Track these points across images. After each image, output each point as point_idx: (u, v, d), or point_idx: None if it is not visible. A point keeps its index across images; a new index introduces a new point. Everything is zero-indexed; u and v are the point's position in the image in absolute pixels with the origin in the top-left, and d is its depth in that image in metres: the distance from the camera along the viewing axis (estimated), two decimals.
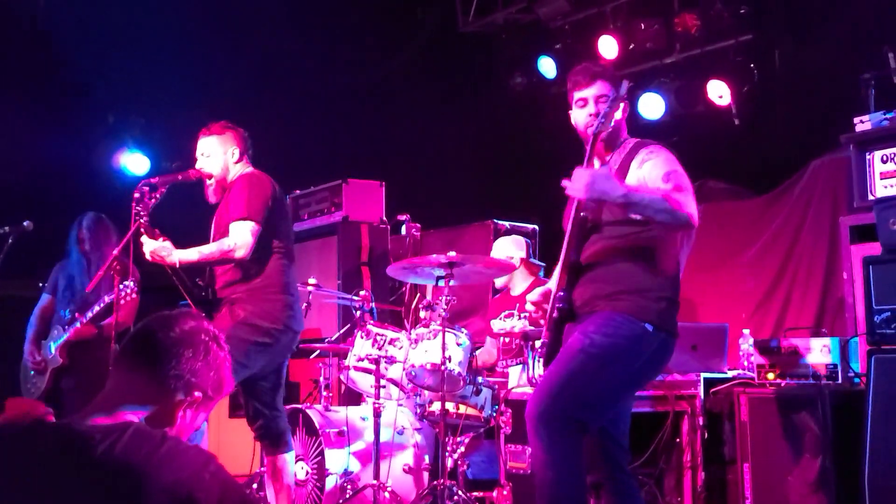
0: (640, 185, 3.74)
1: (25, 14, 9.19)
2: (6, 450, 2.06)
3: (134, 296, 5.50)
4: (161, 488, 1.94)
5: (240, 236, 4.80)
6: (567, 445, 3.62)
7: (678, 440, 5.35)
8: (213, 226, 5.12)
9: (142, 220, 4.79)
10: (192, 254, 4.81)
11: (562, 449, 3.61)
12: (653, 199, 3.61)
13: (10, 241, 5.88)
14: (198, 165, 5.14)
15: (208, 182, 5.14)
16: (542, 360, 3.90)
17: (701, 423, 5.28)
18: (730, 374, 5.48)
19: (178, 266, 4.80)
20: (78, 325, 5.92)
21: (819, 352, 4.90)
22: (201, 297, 4.95)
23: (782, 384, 5.01)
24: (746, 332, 5.78)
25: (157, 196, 5.06)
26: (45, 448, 2.02)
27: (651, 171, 3.81)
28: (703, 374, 5.39)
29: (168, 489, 1.94)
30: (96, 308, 5.85)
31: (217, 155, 5.12)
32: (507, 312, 6.39)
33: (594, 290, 3.80)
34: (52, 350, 6.00)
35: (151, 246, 4.76)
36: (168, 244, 4.79)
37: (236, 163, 5.14)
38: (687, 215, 3.63)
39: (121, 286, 5.50)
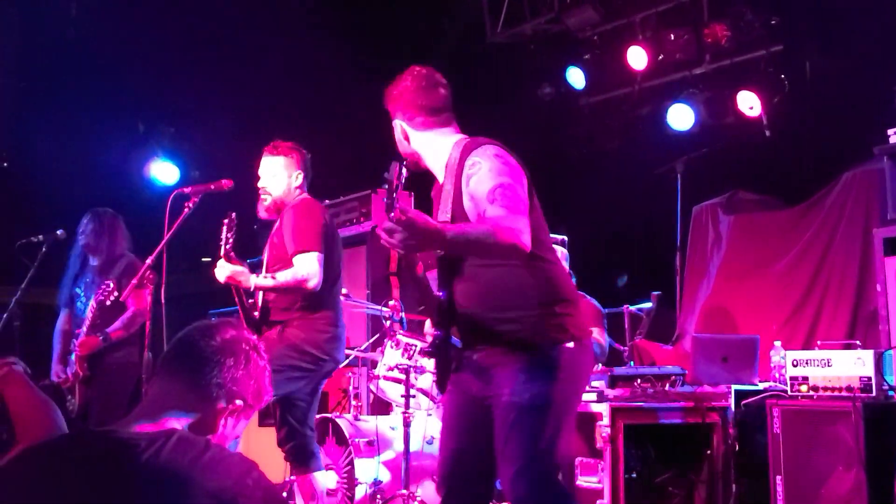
0: (461, 223, 3.38)
1: (57, 23, 9.28)
2: (52, 458, 2.08)
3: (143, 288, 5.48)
4: (206, 494, 1.96)
5: (309, 267, 4.86)
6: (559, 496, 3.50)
7: (709, 452, 5.33)
8: (266, 249, 5.16)
9: (227, 247, 4.85)
10: (268, 281, 4.89)
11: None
12: (477, 236, 3.27)
13: (43, 249, 5.93)
14: (261, 183, 5.16)
15: (263, 198, 5.17)
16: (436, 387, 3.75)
17: (732, 434, 5.25)
18: (761, 385, 5.45)
19: (252, 290, 4.89)
20: (81, 337, 5.87)
21: (852, 364, 4.86)
22: (252, 317, 5.00)
23: (815, 396, 4.97)
24: (778, 343, 5.75)
25: (190, 206, 5.11)
26: (91, 455, 2.04)
27: (476, 187, 3.43)
28: (735, 386, 5.36)
29: (213, 495, 1.96)
30: (89, 315, 5.83)
31: (282, 176, 5.16)
32: None
33: (484, 319, 3.51)
34: (74, 364, 5.95)
35: (229, 270, 4.82)
36: (246, 270, 4.86)
37: (299, 187, 5.18)
38: (513, 245, 3.26)
39: (101, 287, 5.55)
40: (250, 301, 5.06)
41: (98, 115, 9.66)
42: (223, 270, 4.83)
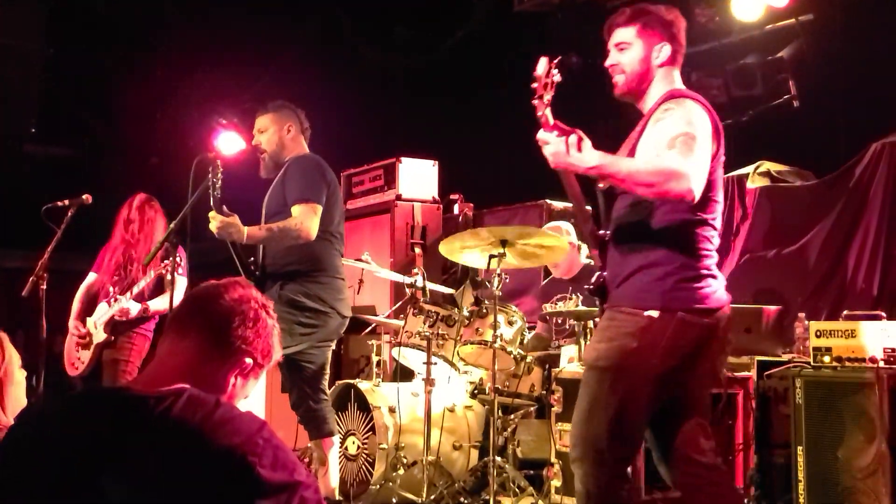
0: (618, 156, 3.30)
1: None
2: (61, 416, 2.09)
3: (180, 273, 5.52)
4: (216, 451, 1.96)
5: (305, 217, 4.84)
6: (605, 482, 3.28)
7: (731, 423, 5.32)
8: (264, 204, 5.16)
9: (217, 195, 4.80)
10: (260, 231, 4.86)
11: (599, 486, 3.28)
12: (632, 170, 3.16)
13: (69, 213, 5.93)
14: (254, 142, 5.22)
15: (262, 157, 5.21)
16: None
17: (754, 405, 5.23)
18: (784, 357, 5.42)
19: (244, 242, 4.85)
20: (123, 303, 5.86)
21: (877, 335, 4.81)
22: (253, 275, 5.02)
23: (838, 367, 4.93)
24: (802, 315, 5.71)
25: (214, 172, 5.11)
26: (100, 412, 2.05)
27: (658, 130, 3.28)
28: (758, 357, 5.34)
29: (223, 452, 1.96)
30: (142, 285, 5.83)
31: (272, 131, 5.18)
32: (559, 296, 6.33)
33: (611, 274, 3.46)
34: (97, 326, 6.00)
35: (219, 222, 4.75)
36: (237, 221, 4.78)
37: (292, 140, 5.19)
38: (678, 190, 3.09)
39: (164, 263, 5.53)
40: (251, 259, 5.06)
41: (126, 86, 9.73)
42: (214, 222, 4.75)
